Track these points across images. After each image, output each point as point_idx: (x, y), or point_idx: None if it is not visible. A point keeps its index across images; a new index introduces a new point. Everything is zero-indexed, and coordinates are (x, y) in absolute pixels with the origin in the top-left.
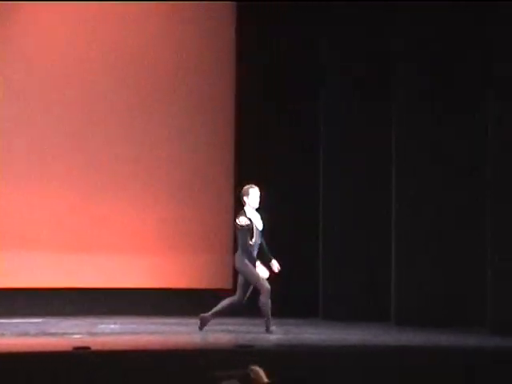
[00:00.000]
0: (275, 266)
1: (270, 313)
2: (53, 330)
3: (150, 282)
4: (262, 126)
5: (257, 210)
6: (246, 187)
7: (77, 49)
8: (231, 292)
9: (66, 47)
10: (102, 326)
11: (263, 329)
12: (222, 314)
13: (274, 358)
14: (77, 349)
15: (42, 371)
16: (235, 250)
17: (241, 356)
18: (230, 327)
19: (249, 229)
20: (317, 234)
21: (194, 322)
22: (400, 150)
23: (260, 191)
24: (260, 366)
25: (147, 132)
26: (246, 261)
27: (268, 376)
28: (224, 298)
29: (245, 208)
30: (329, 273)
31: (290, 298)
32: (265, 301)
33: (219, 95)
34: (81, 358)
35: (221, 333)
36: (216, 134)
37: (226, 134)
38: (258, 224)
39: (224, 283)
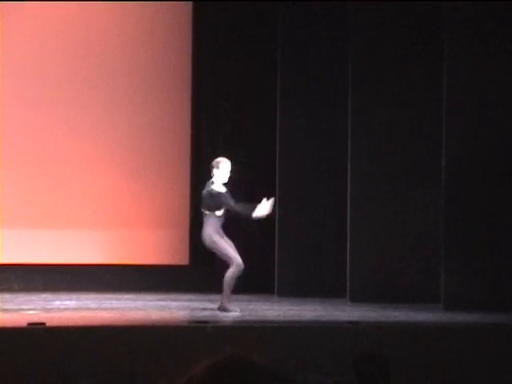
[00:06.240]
0: (267, 205)
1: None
2: (8, 306)
3: (107, 258)
4: (219, 98)
5: (224, 184)
6: (217, 160)
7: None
8: (188, 268)
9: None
10: (58, 302)
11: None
12: (231, 288)
13: (229, 334)
14: (32, 324)
15: None
16: (192, 225)
17: (196, 332)
18: (186, 303)
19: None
20: (273, 211)
21: (150, 298)
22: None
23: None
24: (215, 342)
25: (102, 109)
26: (214, 234)
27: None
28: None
29: (213, 179)
30: (284, 248)
31: (245, 275)
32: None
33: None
34: (36, 334)
35: (177, 309)
36: (173, 107)
37: (182, 108)
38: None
39: (181, 259)
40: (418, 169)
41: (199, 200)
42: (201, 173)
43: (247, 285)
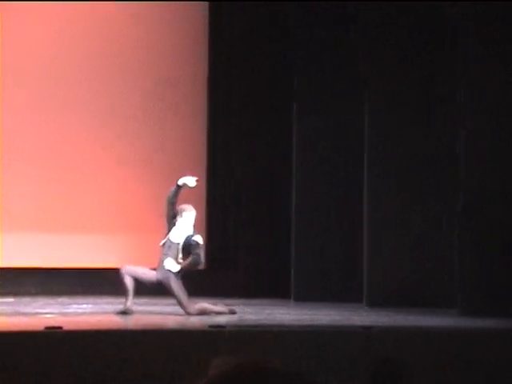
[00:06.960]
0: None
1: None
2: (25, 310)
3: (124, 262)
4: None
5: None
6: (183, 208)
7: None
8: (205, 272)
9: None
10: (75, 305)
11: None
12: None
13: (245, 338)
14: (49, 328)
15: (13, 351)
16: (208, 229)
17: (212, 336)
18: None
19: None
20: (287, 216)
21: (167, 302)
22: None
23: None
24: (232, 347)
25: (108, 111)
26: None
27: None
28: None
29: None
30: (301, 253)
31: (261, 279)
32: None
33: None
34: (53, 338)
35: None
36: (188, 109)
37: (197, 110)
38: (172, 236)
39: None
40: (435, 172)
41: (215, 203)
42: (216, 177)
43: (263, 289)
